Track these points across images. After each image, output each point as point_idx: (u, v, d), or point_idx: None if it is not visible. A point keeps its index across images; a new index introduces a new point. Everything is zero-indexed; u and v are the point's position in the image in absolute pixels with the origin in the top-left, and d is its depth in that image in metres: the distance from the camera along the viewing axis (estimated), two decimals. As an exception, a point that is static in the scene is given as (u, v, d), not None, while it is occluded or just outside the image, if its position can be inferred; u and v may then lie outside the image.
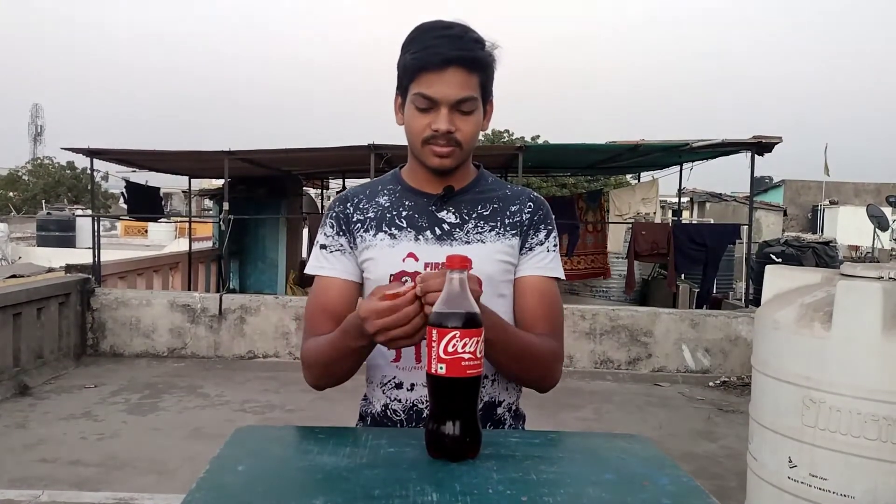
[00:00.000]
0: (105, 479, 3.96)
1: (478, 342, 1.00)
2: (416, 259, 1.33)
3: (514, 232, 1.37)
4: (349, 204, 1.40)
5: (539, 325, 1.34)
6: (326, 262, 1.38)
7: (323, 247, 1.39)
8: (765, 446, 2.54)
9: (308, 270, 1.41)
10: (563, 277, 1.43)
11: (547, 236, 1.40)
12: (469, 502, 0.86)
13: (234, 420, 5.11)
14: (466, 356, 0.99)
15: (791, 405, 2.38)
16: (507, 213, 1.38)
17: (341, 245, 1.38)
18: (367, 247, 1.36)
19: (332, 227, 1.40)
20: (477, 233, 1.35)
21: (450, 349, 0.98)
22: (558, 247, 1.43)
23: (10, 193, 37.65)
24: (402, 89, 1.31)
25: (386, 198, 1.40)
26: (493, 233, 1.35)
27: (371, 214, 1.38)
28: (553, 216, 1.44)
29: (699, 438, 5.08)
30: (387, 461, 0.99)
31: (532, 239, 1.38)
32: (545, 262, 1.38)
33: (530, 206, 1.40)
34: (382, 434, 1.11)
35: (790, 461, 2.39)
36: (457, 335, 0.98)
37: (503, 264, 1.35)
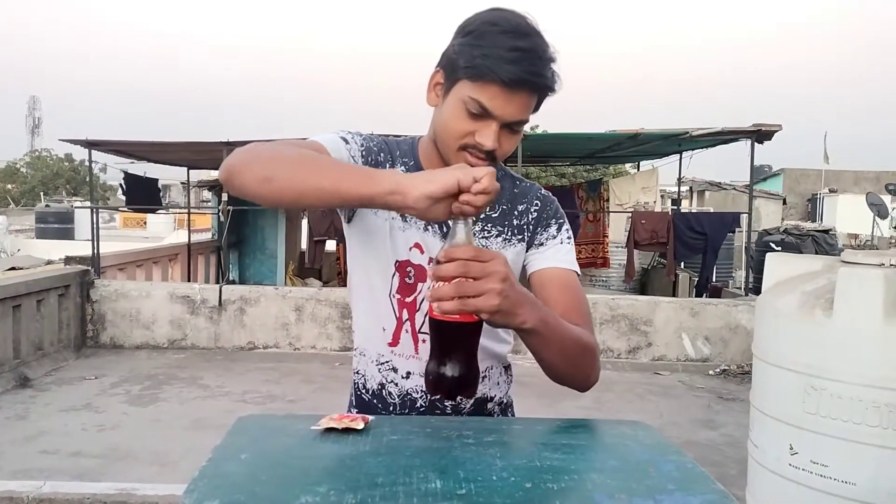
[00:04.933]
0: (106, 471, 3.97)
1: None
2: (422, 251, 1.28)
3: (520, 237, 1.32)
4: (382, 155, 1.30)
5: (573, 316, 1.22)
6: (335, 146, 1.24)
7: (344, 140, 1.26)
8: (766, 434, 2.54)
9: (315, 136, 1.26)
10: (580, 273, 1.34)
11: (558, 230, 1.34)
12: (473, 489, 0.86)
13: (234, 411, 5.11)
14: None
15: (792, 392, 2.38)
16: (515, 213, 1.33)
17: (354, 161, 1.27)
18: (377, 215, 1.28)
19: (361, 146, 1.28)
20: (483, 237, 1.30)
21: None
22: (572, 240, 1.36)
23: (9, 186, 37.63)
24: (452, 77, 1.18)
25: (403, 169, 1.30)
26: (500, 238, 1.31)
27: None
28: (563, 212, 1.38)
29: (699, 427, 5.09)
30: (390, 449, 0.98)
31: (541, 235, 1.33)
32: (560, 254, 1.31)
33: (537, 203, 1.35)
34: (385, 422, 1.11)
35: (791, 448, 2.39)
36: None
37: None
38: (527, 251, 1.33)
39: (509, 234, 1.32)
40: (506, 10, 1.18)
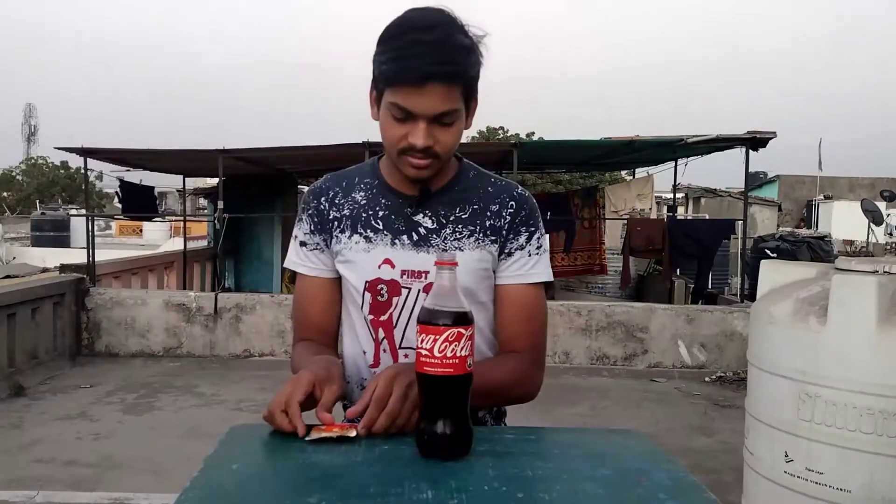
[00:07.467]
0: (101, 479, 3.95)
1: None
2: (393, 266, 1.29)
3: (493, 238, 1.30)
4: (324, 199, 1.35)
5: (518, 342, 1.30)
6: (308, 260, 1.37)
7: (303, 244, 1.38)
8: (761, 441, 2.54)
9: (287, 264, 1.40)
10: (549, 279, 1.33)
11: (528, 239, 1.31)
12: (464, 499, 0.85)
13: (230, 419, 5.10)
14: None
15: (787, 399, 2.38)
16: (487, 213, 1.31)
17: (317, 244, 1.36)
18: (342, 249, 1.32)
19: (308, 224, 1.37)
20: (455, 239, 1.28)
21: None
22: (543, 247, 1.34)
23: (5, 193, 37.57)
24: (377, 88, 1.21)
25: (362, 194, 1.33)
26: (472, 239, 1.29)
27: (346, 212, 1.33)
28: (539, 214, 1.36)
29: (695, 433, 5.08)
30: (382, 459, 0.98)
31: (511, 244, 1.30)
32: (525, 268, 1.31)
33: (512, 205, 1.31)
34: (378, 431, 1.10)
35: (786, 455, 2.39)
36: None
37: (482, 272, 1.30)
38: (498, 257, 1.32)
39: (481, 234, 1.30)
40: (416, 8, 1.18)
